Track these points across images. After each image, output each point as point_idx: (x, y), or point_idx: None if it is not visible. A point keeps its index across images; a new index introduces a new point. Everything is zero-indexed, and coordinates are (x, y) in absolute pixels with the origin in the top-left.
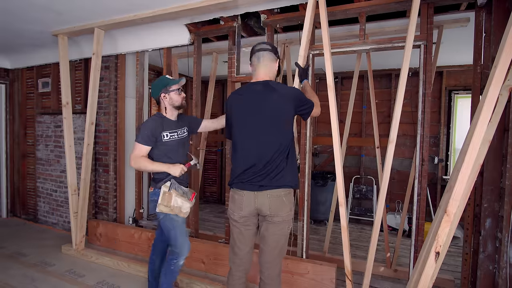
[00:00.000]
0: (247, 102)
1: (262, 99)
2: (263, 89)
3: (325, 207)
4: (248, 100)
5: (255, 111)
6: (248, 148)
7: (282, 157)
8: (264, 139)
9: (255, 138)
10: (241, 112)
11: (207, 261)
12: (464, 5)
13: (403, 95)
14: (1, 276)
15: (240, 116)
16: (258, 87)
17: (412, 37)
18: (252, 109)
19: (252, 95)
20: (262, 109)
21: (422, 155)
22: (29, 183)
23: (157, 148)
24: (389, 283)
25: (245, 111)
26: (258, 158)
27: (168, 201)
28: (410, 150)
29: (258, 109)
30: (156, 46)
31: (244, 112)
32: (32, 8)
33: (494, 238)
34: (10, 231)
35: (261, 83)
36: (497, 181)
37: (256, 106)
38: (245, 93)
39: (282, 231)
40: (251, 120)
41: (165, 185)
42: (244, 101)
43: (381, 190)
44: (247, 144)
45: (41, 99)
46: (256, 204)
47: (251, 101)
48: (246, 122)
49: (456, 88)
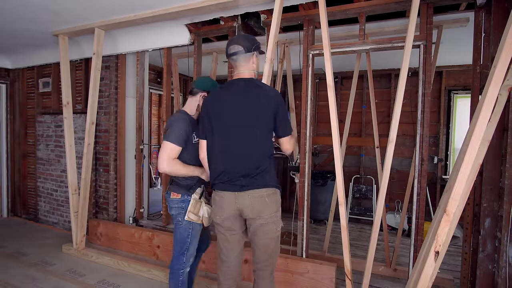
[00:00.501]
0: (230, 100)
1: (246, 97)
2: (247, 86)
3: (325, 207)
4: (230, 97)
5: (239, 109)
6: (229, 147)
7: (265, 157)
8: (248, 138)
9: (238, 136)
10: (222, 109)
11: (207, 261)
12: (463, 5)
13: (402, 95)
14: (1, 276)
15: (220, 113)
16: (241, 84)
17: (411, 37)
18: (236, 107)
19: (235, 93)
20: (246, 107)
21: (422, 155)
22: (29, 182)
23: (186, 149)
24: (389, 282)
25: (227, 109)
26: (240, 157)
27: (198, 209)
28: (409, 149)
29: (242, 107)
30: (157, 46)
31: (225, 109)
32: (29, 8)
33: (493, 238)
34: (10, 230)
35: (243, 81)
36: (497, 181)
37: (240, 104)
38: (228, 90)
39: (270, 235)
40: (233, 118)
41: (197, 192)
42: (226, 99)
43: (381, 190)
44: (229, 143)
45: (42, 99)
46: (237, 205)
47: (234, 99)
48: (227, 120)
49: (455, 88)
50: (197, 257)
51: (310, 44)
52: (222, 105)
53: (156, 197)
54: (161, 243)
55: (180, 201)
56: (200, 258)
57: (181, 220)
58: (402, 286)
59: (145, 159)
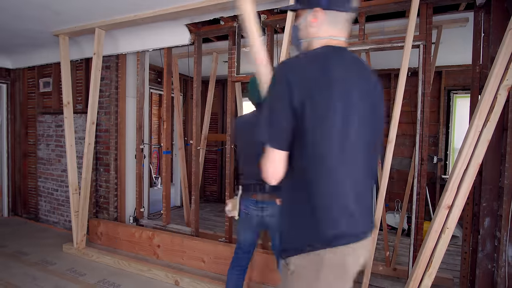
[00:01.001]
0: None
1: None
2: (364, 66)
3: None
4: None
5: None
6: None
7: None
8: (371, 154)
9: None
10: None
11: (207, 260)
12: (463, 5)
13: (402, 95)
14: (2, 275)
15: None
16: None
17: (411, 37)
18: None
19: (352, 73)
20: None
21: (421, 155)
22: (30, 182)
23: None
24: (388, 281)
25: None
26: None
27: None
28: (409, 149)
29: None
30: (157, 46)
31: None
32: (30, 8)
33: (492, 237)
34: (11, 230)
35: (353, 56)
36: (496, 181)
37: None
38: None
39: None
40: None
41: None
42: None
43: (381, 189)
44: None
45: (42, 98)
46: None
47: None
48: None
49: (455, 88)
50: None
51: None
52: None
53: (156, 197)
54: (161, 243)
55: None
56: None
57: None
58: (401, 285)
59: (146, 158)
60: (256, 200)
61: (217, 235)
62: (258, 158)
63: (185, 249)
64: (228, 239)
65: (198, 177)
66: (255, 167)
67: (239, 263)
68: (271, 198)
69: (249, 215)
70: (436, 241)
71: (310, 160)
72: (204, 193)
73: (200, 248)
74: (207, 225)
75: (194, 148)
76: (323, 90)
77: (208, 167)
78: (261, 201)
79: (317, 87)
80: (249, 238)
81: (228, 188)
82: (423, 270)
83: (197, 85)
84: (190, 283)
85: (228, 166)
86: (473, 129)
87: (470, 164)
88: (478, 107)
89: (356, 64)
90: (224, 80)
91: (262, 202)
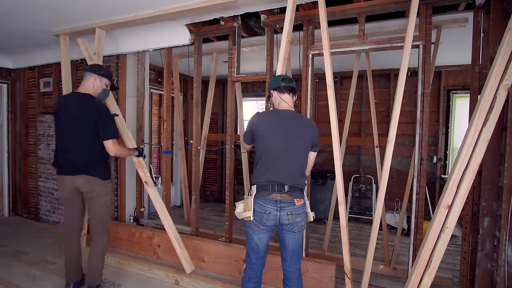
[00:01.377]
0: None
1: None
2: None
3: (324, 206)
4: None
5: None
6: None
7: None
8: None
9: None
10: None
11: (207, 260)
12: (462, 6)
13: (402, 95)
14: (3, 274)
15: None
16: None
17: (411, 37)
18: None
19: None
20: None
21: (421, 154)
22: (30, 182)
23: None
24: (388, 281)
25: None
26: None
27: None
28: (409, 149)
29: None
30: (157, 46)
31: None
32: (33, 9)
33: (492, 237)
34: (11, 229)
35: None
36: (495, 180)
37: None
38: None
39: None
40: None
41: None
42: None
43: (380, 189)
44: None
45: (43, 98)
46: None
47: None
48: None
49: (454, 88)
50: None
51: (310, 44)
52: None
53: None
54: (161, 242)
55: (303, 206)
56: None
57: (304, 224)
58: (401, 285)
59: (146, 158)
60: (275, 200)
61: (217, 235)
62: (283, 159)
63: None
64: (228, 238)
65: (198, 176)
66: (280, 167)
67: (255, 273)
68: (290, 198)
69: (266, 215)
70: (435, 241)
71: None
72: (204, 192)
73: (200, 247)
74: (207, 224)
75: (194, 148)
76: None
77: (208, 167)
78: (280, 200)
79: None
80: (265, 240)
81: (228, 188)
82: (422, 269)
83: (197, 85)
84: (191, 282)
85: (228, 166)
86: (473, 129)
87: (469, 163)
88: (478, 107)
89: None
90: (224, 80)
91: (281, 202)
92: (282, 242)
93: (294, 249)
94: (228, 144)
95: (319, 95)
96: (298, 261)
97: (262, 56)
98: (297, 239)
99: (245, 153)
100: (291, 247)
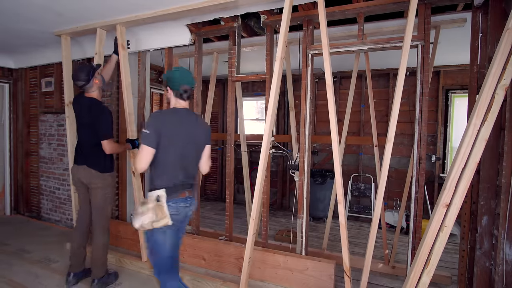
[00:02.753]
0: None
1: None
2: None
3: (324, 205)
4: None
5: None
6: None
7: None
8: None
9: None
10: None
11: (207, 258)
12: (461, 6)
13: (401, 94)
14: (5, 273)
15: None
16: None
17: (409, 37)
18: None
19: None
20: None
21: (420, 154)
22: (32, 181)
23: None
24: (387, 279)
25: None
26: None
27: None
28: (407, 148)
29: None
30: (158, 46)
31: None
32: (33, 8)
33: (490, 235)
34: (14, 228)
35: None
36: (494, 179)
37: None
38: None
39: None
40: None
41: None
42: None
43: (379, 188)
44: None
45: (44, 98)
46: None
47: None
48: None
49: (453, 88)
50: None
51: (310, 44)
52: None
53: None
54: None
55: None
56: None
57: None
58: (400, 283)
59: None
60: (185, 198)
61: (217, 233)
62: (189, 157)
63: (185, 247)
64: (228, 237)
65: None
66: (186, 165)
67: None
68: (193, 192)
69: (179, 216)
70: (434, 239)
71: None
72: (204, 191)
73: (201, 246)
74: (208, 223)
75: None
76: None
77: None
78: (189, 197)
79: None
80: (179, 241)
81: (229, 187)
82: (421, 267)
83: (197, 84)
84: (191, 280)
85: (228, 165)
86: (471, 128)
87: (468, 163)
88: (476, 106)
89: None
90: (225, 79)
91: (190, 198)
92: (178, 242)
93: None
94: (228, 143)
95: (319, 95)
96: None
97: (262, 56)
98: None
99: (245, 153)
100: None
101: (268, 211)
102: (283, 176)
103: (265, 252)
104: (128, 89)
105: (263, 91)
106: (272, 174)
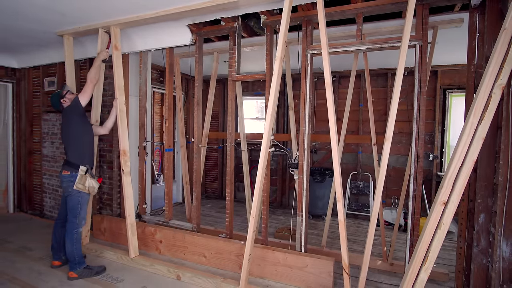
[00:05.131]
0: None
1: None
2: None
3: (323, 203)
4: None
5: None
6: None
7: None
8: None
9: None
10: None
11: (208, 255)
12: (458, 6)
13: (399, 94)
14: (8, 270)
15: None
16: None
17: (407, 37)
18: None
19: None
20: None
21: (418, 152)
22: (35, 179)
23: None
24: (385, 276)
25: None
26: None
27: (84, 181)
28: (405, 147)
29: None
30: (159, 46)
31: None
32: (36, 9)
33: (487, 233)
34: (17, 226)
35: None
36: (491, 177)
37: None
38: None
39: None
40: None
41: (82, 169)
42: None
43: (378, 186)
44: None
45: (47, 97)
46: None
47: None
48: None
49: (450, 87)
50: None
51: (309, 44)
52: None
53: (158, 193)
54: (163, 238)
55: (69, 177)
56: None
57: (71, 190)
58: (398, 280)
59: (148, 156)
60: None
61: (218, 231)
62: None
63: (186, 245)
64: (228, 234)
65: (200, 174)
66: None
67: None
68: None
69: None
70: (432, 237)
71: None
72: (205, 189)
73: (202, 243)
74: (208, 221)
75: (195, 145)
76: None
77: (209, 164)
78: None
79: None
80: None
81: (229, 185)
82: (419, 264)
83: (198, 84)
84: (192, 278)
85: (228, 164)
86: (468, 127)
87: (465, 161)
88: (473, 105)
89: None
90: (225, 79)
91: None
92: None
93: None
94: (228, 142)
95: (318, 94)
96: (69, 220)
97: (262, 56)
98: (68, 201)
99: (245, 151)
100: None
101: (268, 209)
102: (283, 174)
103: (265, 249)
104: (121, 89)
105: (263, 91)
106: (272, 173)
